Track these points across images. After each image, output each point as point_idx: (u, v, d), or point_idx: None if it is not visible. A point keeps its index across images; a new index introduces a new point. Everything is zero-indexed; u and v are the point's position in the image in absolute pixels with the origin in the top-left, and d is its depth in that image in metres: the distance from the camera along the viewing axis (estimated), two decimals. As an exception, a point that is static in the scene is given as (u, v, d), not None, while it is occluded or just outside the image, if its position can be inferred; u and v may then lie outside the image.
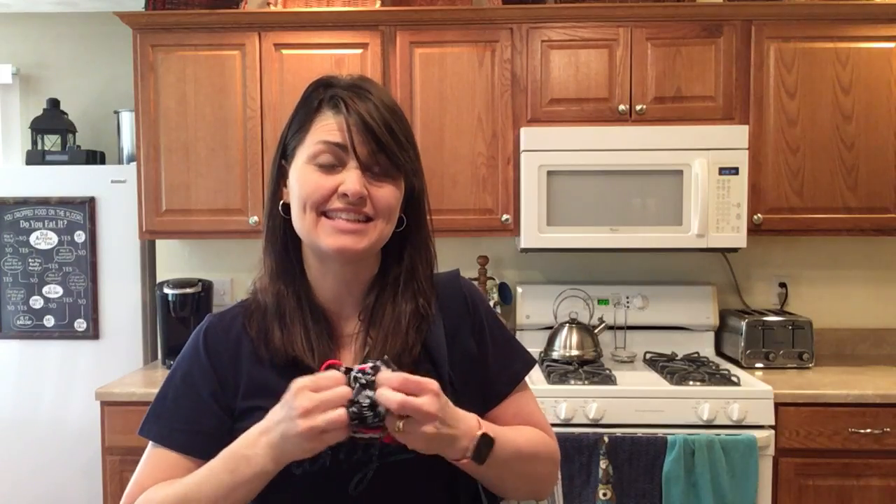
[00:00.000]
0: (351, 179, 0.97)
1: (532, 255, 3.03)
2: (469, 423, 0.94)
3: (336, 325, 1.06)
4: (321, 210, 0.98)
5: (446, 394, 0.94)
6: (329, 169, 0.98)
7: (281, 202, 1.04)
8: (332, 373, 0.89)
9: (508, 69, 2.71)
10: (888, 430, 2.38)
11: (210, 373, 1.04)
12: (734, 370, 2.61)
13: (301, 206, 0.99)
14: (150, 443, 1.05)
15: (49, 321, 2.92)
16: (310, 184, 0.98)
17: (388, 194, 1.00)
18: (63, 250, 2.92)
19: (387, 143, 0.97)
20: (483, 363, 1.10)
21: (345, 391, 0.87)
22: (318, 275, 1.06)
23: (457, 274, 1.15)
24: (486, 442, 0.95)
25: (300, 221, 1.01)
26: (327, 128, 0.99)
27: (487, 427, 0.96)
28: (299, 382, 0.87)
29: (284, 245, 1.05)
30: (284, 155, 1.04)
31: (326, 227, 0.98)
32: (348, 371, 0.89)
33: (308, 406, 0.85)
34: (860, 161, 2.68)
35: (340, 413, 0.85)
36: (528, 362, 1.18)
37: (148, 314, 2.98)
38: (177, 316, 2.82)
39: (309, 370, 1.00)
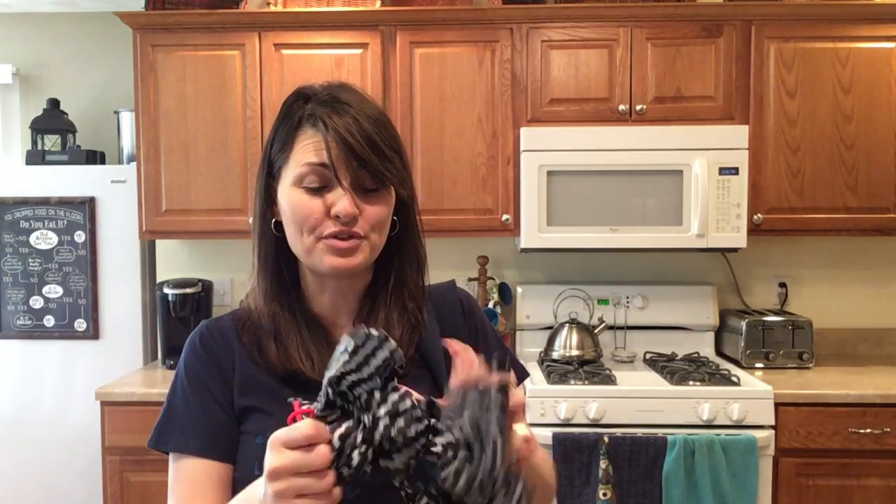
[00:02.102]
0: (341, 202, 0.96)
1: (532, 255, 3.03)
2: None
3: (332, 334, 1.06)
4: (317, 234, 0.98)
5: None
6: (317, 191, 0.97)
7: (273, 220, 1.03)
8: (308, 426, 0.74)
9: (508, 69, 2.71)
10: (888, 430, 2.38)
11: (213, 369, 1.04)
12: (734, 370, 2.61)
13: (297, 230, 0.99)
14: (171, 457, 1.02)
15: (49, 321, 2.92)
16: (301, 209, 0.97)
17: (378, 209, 0.99)
18: (63, 250, 2.91)
19: (368, 159, 0.96)
20: None
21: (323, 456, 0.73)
22: (315, 289, 1.06)
23: (453, 284, 1.16)
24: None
25: (297, 244, 1.00)
26: (308, 148, 0.97)
27: None
28: (274, 436, 0.76)
29: (277, 264, 1.05)
30: (271, 173, 1.03)
31: (323, 248, 0.98)
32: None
33: (278, 466, 0.75)
34: (860, 161, 2.68)
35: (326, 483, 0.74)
36: (522, 372, 1.19)
37: (148, 314, 2.98)
38: (177, 316, 2.82)
39: (308, 380, 1.00)
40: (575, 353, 2.73)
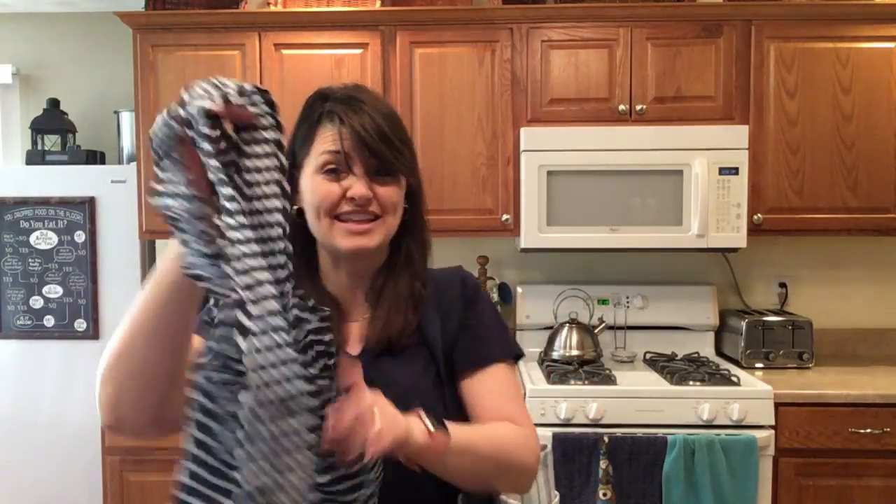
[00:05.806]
0: (356, 185, 1.07)
1: (532, 255, 3.03)
2: (408, 416, 0.94)
3: (346, 312, 1.15)
4: (333, 214, 1.08)
5: (439, 375, 1.09)
6: (335, 175, 1.08)
7: (295, 207, 1.11)
8: None
9: (508, 69, 2.71)
10: (888, 430, 2.38)
11: None
12: (734, 370, 2.61)
13: (315, 213, 1.09)
14: None
15: (49, 321, 2.92)
16: (320, 192, 1.08)
17: (391, 192, 1.09)
18: (63, 250, 2.91)
19: (379, 150, 1.07)
20: (463, 334, 1.14)
21: None
22: (331, 269, 1.15)
23: (459, 268, 1.23)
24: (434, 418, 0.96)
25: (316, 226, 1.10)
26: (328, 139, 1.09)
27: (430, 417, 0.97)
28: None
29: (294, 245, 1.10)
30: (294, 164, 1.12)
31: (341, 230, 1.08)
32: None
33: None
34: (860, 161, 2.68)
35: None
36: (509, 349, 1.17)
37: (148, 314, 2.97)
38: (177, 316, 2.82)
39: None
40: (575, 353, 2.73)
